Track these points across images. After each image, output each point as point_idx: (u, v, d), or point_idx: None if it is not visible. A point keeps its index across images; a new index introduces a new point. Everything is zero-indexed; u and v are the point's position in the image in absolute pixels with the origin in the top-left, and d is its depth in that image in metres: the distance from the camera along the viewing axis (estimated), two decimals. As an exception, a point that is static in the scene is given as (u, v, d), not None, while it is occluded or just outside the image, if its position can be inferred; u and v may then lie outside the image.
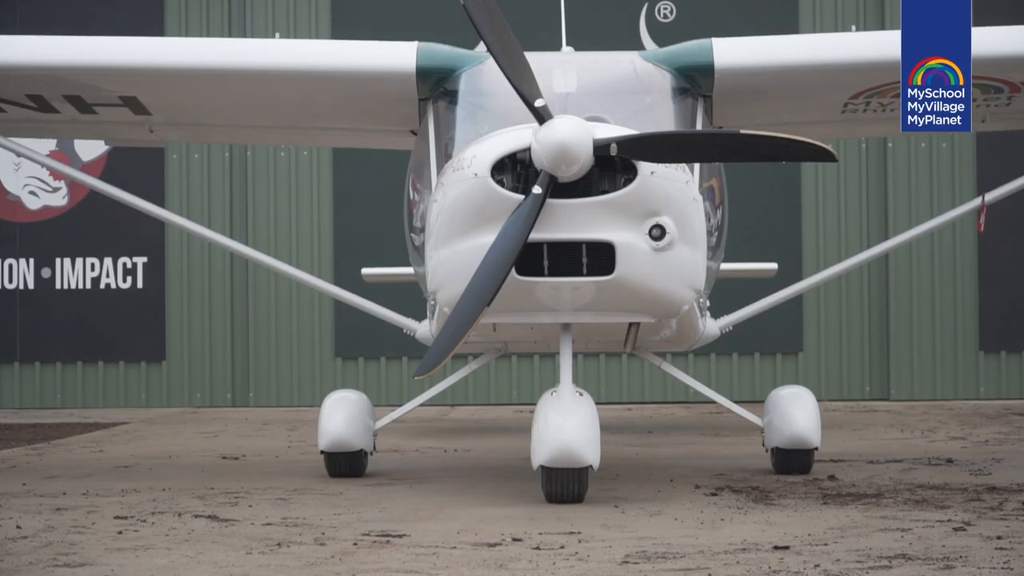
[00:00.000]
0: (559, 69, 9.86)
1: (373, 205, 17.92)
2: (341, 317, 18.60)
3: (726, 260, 10.78)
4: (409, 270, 11.04)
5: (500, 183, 8.11)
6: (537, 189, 7.93)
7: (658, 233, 8.20)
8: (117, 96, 10.37)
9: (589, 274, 8.21)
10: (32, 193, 18.92)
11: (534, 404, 17.72)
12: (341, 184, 18.67)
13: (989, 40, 9.85)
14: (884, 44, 9.79)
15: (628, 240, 8.14)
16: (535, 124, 8.07)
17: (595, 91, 9.82)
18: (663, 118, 9.67)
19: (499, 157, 8.09)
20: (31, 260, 19.03)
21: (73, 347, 18.98)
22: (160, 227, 18.76)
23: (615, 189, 8.09)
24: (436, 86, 9.95)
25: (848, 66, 9.97)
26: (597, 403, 17.74)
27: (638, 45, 18.70)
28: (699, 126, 9.79)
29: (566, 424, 8.35)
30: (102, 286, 18.99)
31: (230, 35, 19.02)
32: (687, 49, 9.98)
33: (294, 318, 18.58)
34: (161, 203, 18.76)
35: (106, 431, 15.17)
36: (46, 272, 19.03)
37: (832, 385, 18.66)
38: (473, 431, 14.78)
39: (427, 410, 15.98)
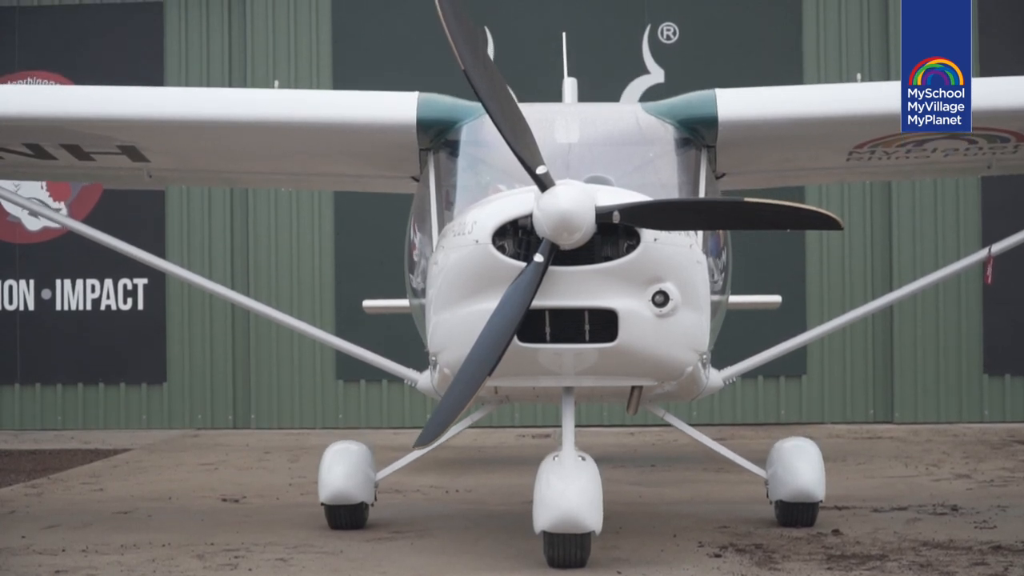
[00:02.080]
0: (561, 120, 9.80)
1: (375, 229, 17.80)
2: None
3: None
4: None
5: (501, 249, 8.04)
6: (539, 257, 7.86)
7: (661, 299, 8.13)
8: (115, 145, 10.31)
9: (592, 340, 8.14)
10: (32, 214, 18.82)
11: (536, 428, 17.96)
12: (342, 207, 18.58)
13: (995, 92, 9.78)
14: (888, 97, 9.70)
15: (631, 307, 8.07)
16: (537, 189, 7.99)
17: (597, 143, 9.76)
18: (666, 172, 9.60)
19: (500, 224, 8.02)
20: (31, 281, 19.02)
21: (74, 369, 18.96)
22: (160, 248, 18.71)
23: (618, 255, 8.02)
24: (437, 137, 9.88)
25: (853, 119, 9.88)
26: (600, 426, 17.81)
27: (640, 67, 18.64)
28: (702, 177, 9.72)
29: (568, 490, 8.28)
30: (103, 307, 18.96)
31: (230, 69, 18.97)
32: (690, 101, 9.90)
33: (295, 340, 18.49)
34: (162, 224, 18.84)
35: (106, 461, 15.11)
36: (46, 293, 19.01)
37: (836, 408, 18.60)
38: (475, 462, 14.70)
39: (429, 436, 15.90)
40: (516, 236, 8.10)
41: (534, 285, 7.84)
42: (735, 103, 9.83)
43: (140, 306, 18.89)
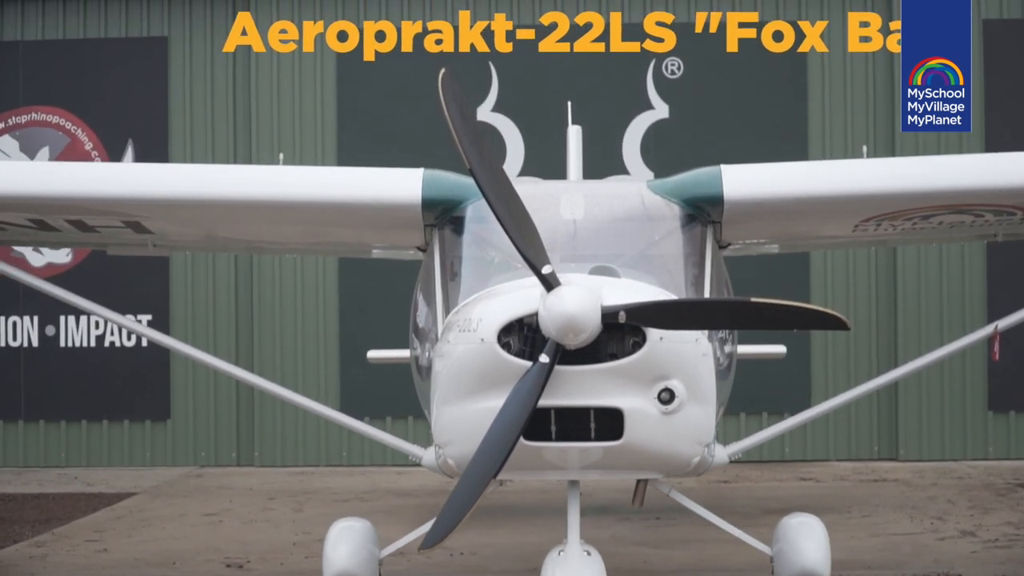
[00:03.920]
0: (567, 198, 9.77)
1: (380, 268, 17.73)
2: (347, 376, 18.54)
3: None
4: None
5: (507, 346, 8.01)
6: (544, 358, 7.83)
7: (667, 397, 8.10)
8: (120, 220, 10.30)
9: (597, 438, 8.12)
10: (36, 250, 18.81)
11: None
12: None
13: (999, 170, 9.79)
14: (894, 175, 9.70)
15: (636, 405, 8.04)
16: (542, 289, 7.94)
17: (603, 222, 9.72)
18: (671, 252, 9.57)
19: (505, 323, 7.99)
20: (35, 318, 18.99)
21: (77, 406, 18.94)
22: (164, 285, 18.75)
23: (624, 354, 7.99)
24: (442, 215, 9.85)
25: (860, 196, 9.85)
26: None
27: (645, 103, 18.60)
28: (708, 255, 9.69)
29: (573, 587, 8.26)
30: (106, 344, 18.93)
31: (235, 102, 18.94)
32: (695, 179, 9.85)
33: (300, 378, 18.46)
34: (166, 259, 18.77)
35: (110, 510, 15.06)
36: (50, 330, 18.98)
37: (840, 445, 18.59)
38: (480, 511, 14.53)
39: (433, 478, 15.82)
40: (521, 333, 8.07)
41: (539, 386, 7.81)
42: (741, 181, 9.78)
43: (144, 343, 18.83)
